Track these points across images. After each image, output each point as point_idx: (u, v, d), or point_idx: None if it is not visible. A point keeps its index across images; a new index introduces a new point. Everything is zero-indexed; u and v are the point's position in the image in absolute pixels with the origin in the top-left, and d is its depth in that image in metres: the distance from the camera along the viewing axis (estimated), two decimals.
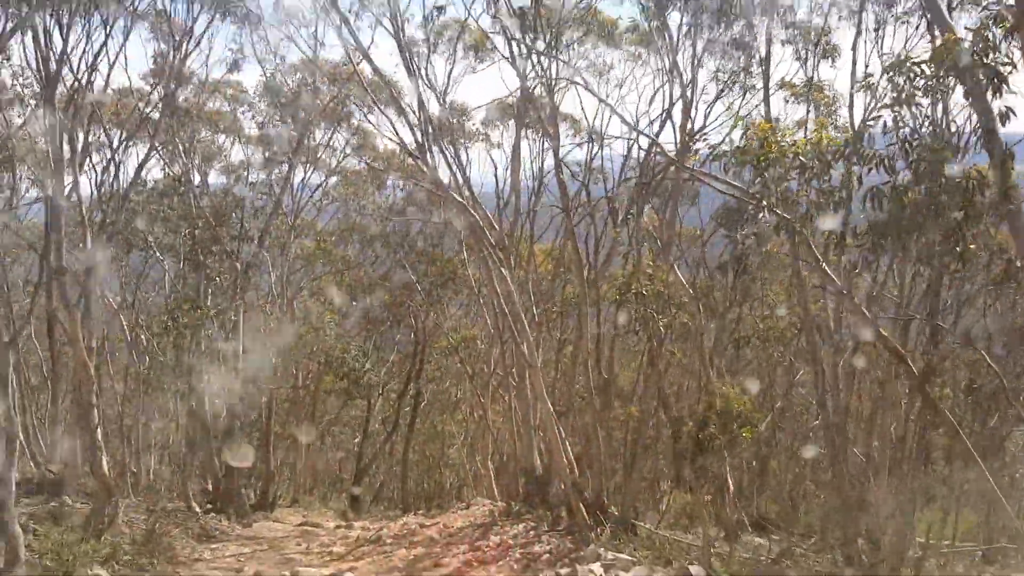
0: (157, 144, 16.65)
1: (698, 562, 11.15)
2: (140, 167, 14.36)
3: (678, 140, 13.14)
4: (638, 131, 11.89)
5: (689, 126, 13.43)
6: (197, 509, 16.82)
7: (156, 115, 17.80)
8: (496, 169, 20.79)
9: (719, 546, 14.36)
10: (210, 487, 18.54)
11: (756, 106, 14.66)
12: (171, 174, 17.87)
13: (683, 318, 12.07)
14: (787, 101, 16.26)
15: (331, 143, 22.87)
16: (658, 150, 12.52)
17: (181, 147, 18.19)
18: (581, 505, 13.15)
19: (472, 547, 13.23)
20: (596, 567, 10.10)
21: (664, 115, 14.50)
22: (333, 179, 25.01)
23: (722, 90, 15.07)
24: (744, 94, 16.00)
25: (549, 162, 19.57)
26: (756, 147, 8.53)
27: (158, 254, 18.83)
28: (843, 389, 14.07)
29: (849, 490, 13.42)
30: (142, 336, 19.29)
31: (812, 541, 16.26)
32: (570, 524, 13.53)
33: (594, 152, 16.43)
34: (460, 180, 13.08)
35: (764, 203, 8.46)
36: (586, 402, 14.61)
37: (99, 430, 11.43)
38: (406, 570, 12.35)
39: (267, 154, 21.73)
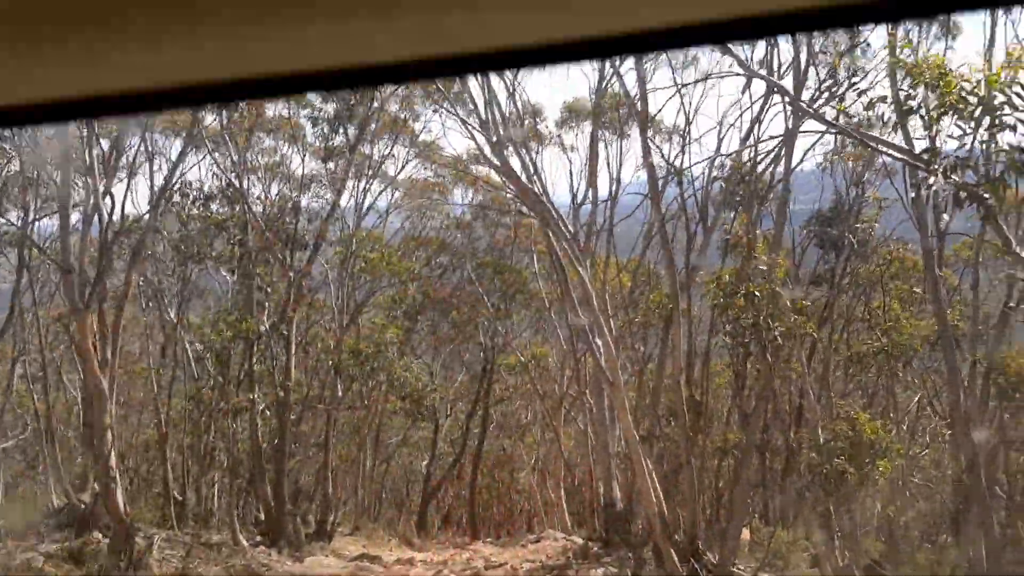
0: (206, 141, 14.88)
1: None
2: (177, 161, 12.49)
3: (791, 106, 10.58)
4: (753, 74, 9.31)
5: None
6: (244, 542, 14.84)
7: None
8: (572, 165, 18.73)
9: None
10: (262, 516, 16.59)
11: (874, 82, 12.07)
12: (222, 176, 16.04)
13: (807, 327, 9.64)
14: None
15: (392, 152, 20.98)
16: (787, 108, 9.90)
17: (233, 150, 16.38)
18: (671, 549, 10.75)
19: None
20: None
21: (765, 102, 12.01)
22: (397, 192, 23.24)
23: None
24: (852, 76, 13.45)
25: (626, 173, 17.41)
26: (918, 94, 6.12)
27: (208, 264, 17.05)
28: (982, 416, 11.43)
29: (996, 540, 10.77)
30: (194, 350, 17.59)
31: None
32: (659, 572, 11.14)
33: (676, 155, 14.06)
34: (532, 173, 10.91)
35: (936, 167, 6.02)
36: (674, 426, 12.20)
37: (113, 455, 9.42)
38: None
39: (329, 167, 19.97)
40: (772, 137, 10.67)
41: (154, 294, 19.16)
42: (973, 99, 5.84)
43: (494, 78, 12.51)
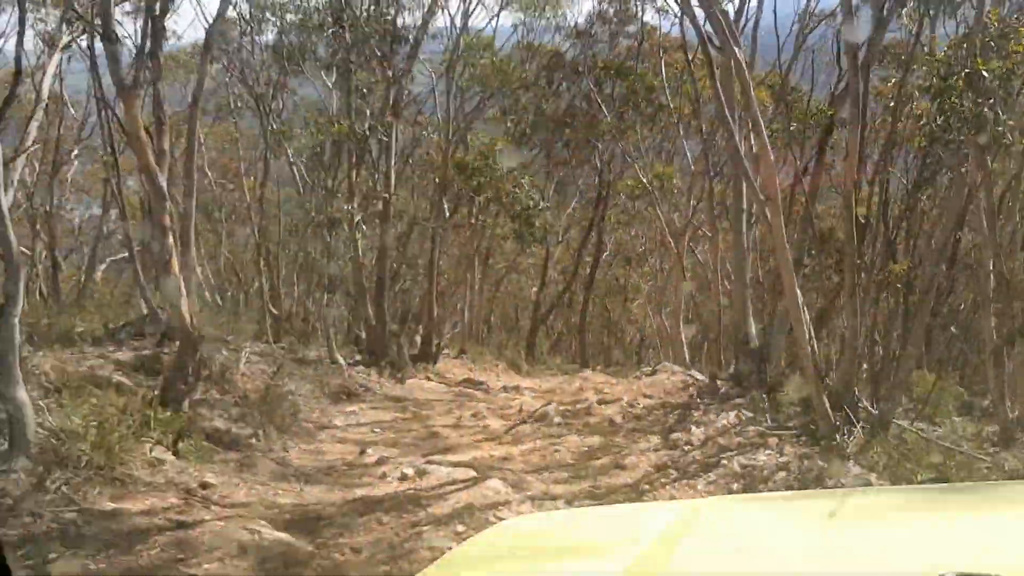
0: None
1: None
2: None
3: None
4: None
5: None
6: (342, 360, 13.59)
7: None
8: None
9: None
10: (363, 335, 15.30)
11: None
12: None
13: None
14: None
15: None
16: None
17: None
18: (822, 394, 8.72)
19: (666, 441, 9.15)
20: None
21: None
22: None
23: None
24: None
25: None
26: None
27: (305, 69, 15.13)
28: None
29: None
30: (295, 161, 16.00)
31: None
32: (805, 420, 9.16)
33: None
34: None
35: None
36: (830, 253, 9.91)
37: (175, 259, 7.89)
38: (575, 469, 8.41)
39: None
40: None
41: (255, 102, 17.53)
42: None
43: None
